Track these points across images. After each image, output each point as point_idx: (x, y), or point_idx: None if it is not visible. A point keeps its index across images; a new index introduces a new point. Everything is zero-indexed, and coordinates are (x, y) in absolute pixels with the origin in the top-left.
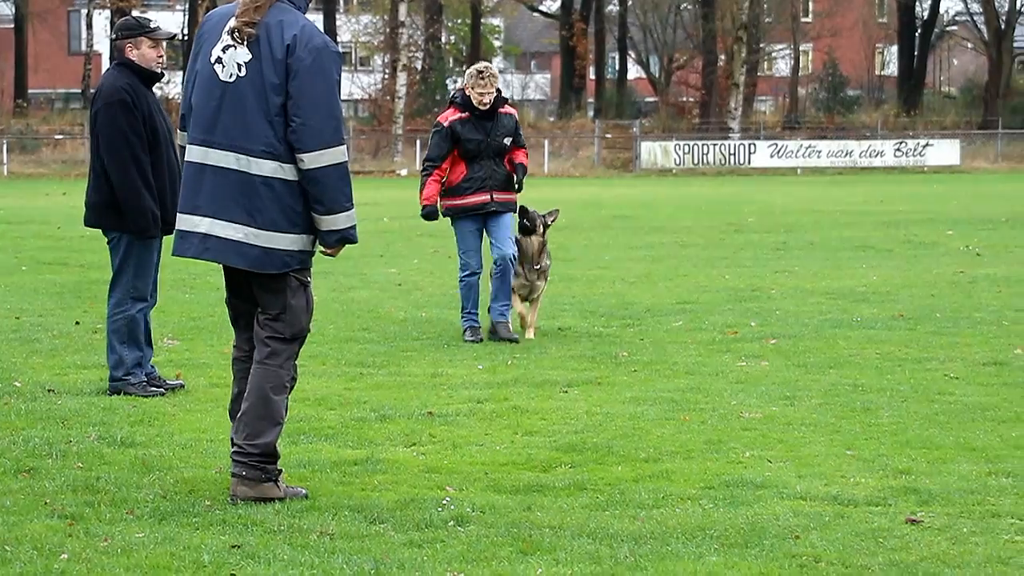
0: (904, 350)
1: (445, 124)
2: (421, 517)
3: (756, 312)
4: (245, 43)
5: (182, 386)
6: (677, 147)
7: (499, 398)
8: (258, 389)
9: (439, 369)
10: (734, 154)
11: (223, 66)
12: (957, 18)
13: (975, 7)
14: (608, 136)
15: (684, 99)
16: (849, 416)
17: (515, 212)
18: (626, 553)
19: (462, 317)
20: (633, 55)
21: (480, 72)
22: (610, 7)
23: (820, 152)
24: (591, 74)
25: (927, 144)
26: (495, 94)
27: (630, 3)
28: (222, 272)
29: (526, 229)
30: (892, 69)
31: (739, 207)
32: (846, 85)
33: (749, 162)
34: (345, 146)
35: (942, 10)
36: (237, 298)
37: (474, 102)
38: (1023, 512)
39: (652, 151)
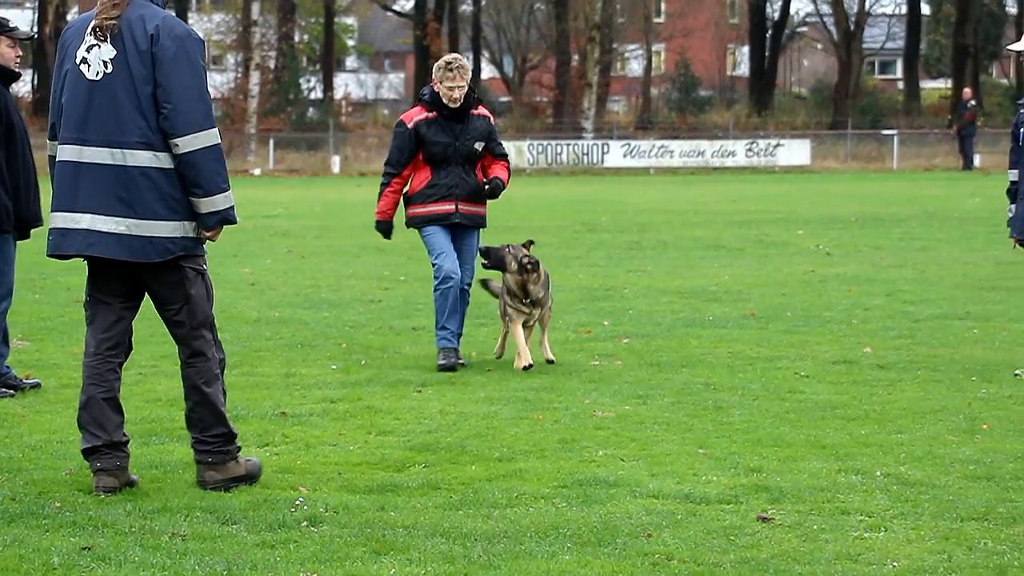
0: (755, 349)
1: (409, 125)
2: (274, 518)
3: (609, 311)
4: (108, 40)
5: (38, 385)
6: (531, 147)
7: (353, 398)
8: (194, 389)
9: (292, 369)
10: (587, 154)
11: (89, 65)
12: (807, 19)
13: (825, 8)
14: None
15: (538, 99)
16: (701, 415)
17: (482, 228)
18: (479, 552)
19: (437, 334)
20: (487, 55)
21: (448, 64)
22: (464, 7)
23: (673, 152)
24: None
25: (778, 144)
26: (466, 89)
27: (483, 3)
28: (87, 268)
29: (496, 266)
30: (744, 70)
31: (592, 207)
32: (698, 85)
33: (602, 162)
34: (216, 129)
35: (792, 11)
36: (103, 295)
37: (443, 99)
38: (872, 509)
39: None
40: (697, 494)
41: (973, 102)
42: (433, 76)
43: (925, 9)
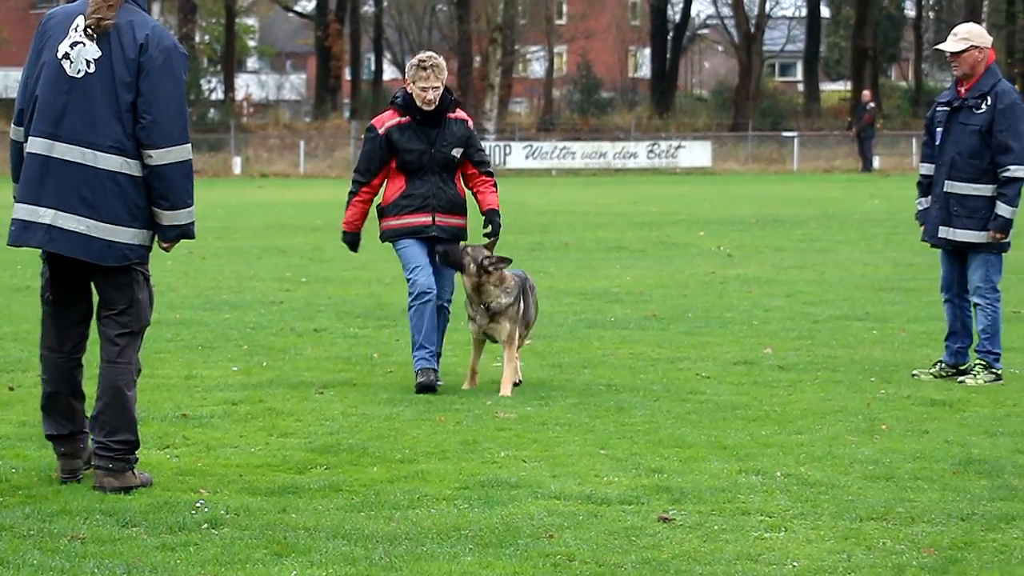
0: (657, 350)
1: (380, 130)
2: (174, 520)
3: None
4: (95, 40)
5: None
6: None
7: (254, 400)
8: (113, 388)
9: (193, 371)
10: (490, 155)
11: (71, 62)
12: (708, 21)
13: (726, 11)
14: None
15: None
16: (603, 415)
17: (462, 241)
18: (381, 554)
19: (413, 355)
20: (389, 56)
21: (421, 62)
22: (365, 8)
23: (575, 153)
24: (347, 75)
25: (679, 146)
26: (441, 90)
27: (385, 4)
28: (47, 264)
29: (449, 264)
30: (645, 71)
31: None
32: (600, 87)
33: (504, 163)
34: (190, 145)
35: (693, 13)
36: (65, 293)
37: (417, 101)
38: (772, 509)
39: None
40: (599, 495)
41: (872, 104)
42: (405, 76)
43: (825, 12)
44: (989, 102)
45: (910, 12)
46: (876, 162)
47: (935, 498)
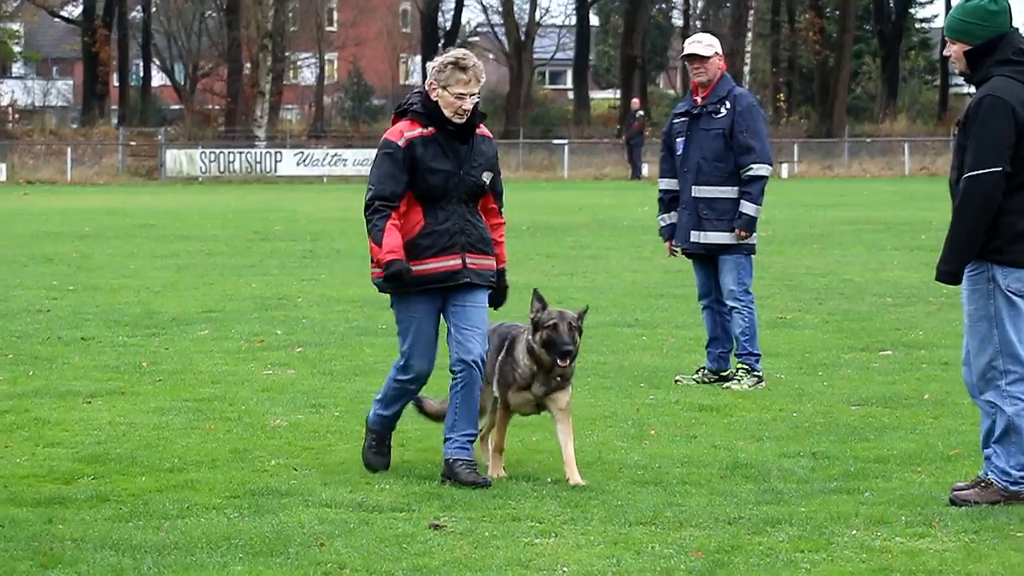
0: None
1: (399, 143)
2: None
3: (283, 320)
4: None
5: None
6: (203, 155)
7: (20, 409)
8: None
9: None
10: (260, 162)
11: None
12: (479, 29)
13: (496, 18)
14: (133, 143)
15: (210, 107)
16: None
17: (490, 288)
18: (150, 564)
19: (371, 419)
20: (158, 62)
21: (460, 61)
22: (133, 14)
23: (346, 160)
24: (115, 81)
25: None
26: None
27: (154, 10)
28: None
29: (566, 354)
30: (416, 79)
31: (266, 215)
32: (371, 94)
33: (275, 170)
34: None
35: (464, 21)
36: None
37: (446, 111)
38: (542, 515)
39: (177, 159)
40: (370, 502)
41: (641, 112)
42: (431, 79)
43: (594, 20)
44: (728, 106)
45: (678, 21)
46: (645, 169)
47: (703, 502)
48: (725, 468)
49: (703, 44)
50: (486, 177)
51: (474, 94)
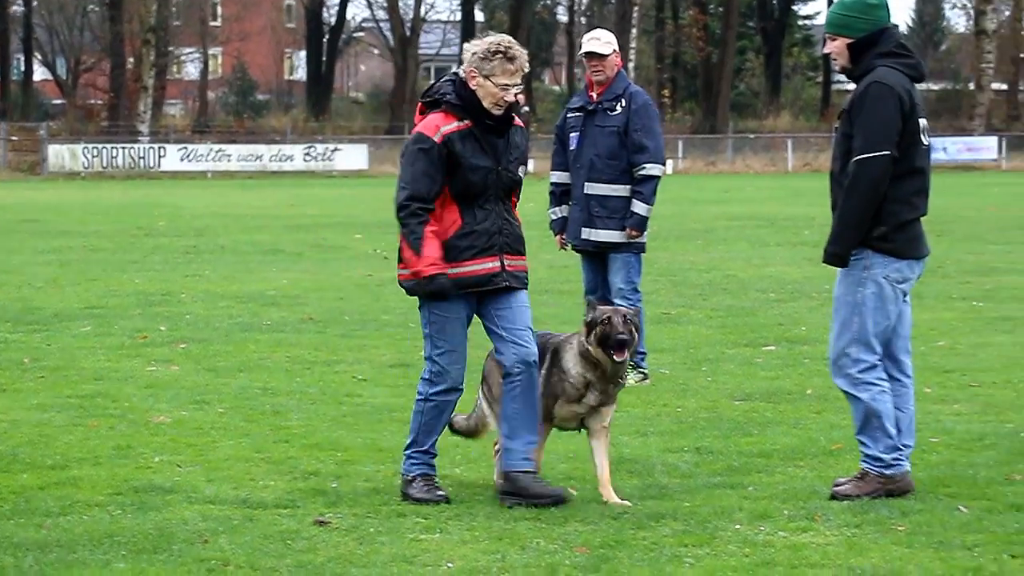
0: (313, 353)
1: (435, 138)
2: None
3: (166, 316)
4: None
5: None
6: (85, 150)
7: None
8: None
9: None
10: (143, 157)
11: None
12: (364, 24)
13: (381, 14)
14: (14, 139)
15: (93, 102)
16: (259, 419)
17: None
18: (31, 562)
19: (410, 458)
20: (39, 56)
21: (508, 50)
22: (14, 7)
23: (230, 156)
24: None
25: (336, 149)
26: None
27: (35, 4)
28: None
29: (622, 343)
30: (301, 74)
31: (149, 210)
32: (256, 89)
33: (159, 165)
34: None
35: (349, 16)
36: None
37: (485, 101)
38: (428, 511)
39: (60, 154)
40: (254, 499)
41: (527, 108)
42: (470, 67)
43: (479, 16)
44: (624, 103)
45: (562, 17)
46: (530, 165)
47: (588, 497)
48: (610, 463)
49: (602, 42)
50: (521, 172)
51: (518, 85)
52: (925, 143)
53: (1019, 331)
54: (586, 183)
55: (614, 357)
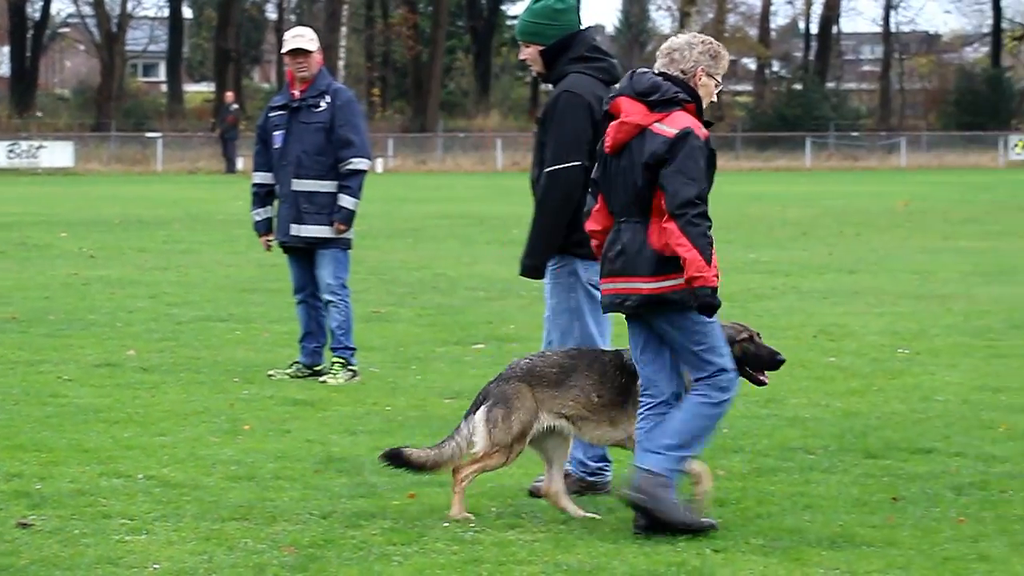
0: (17, 353)
1: (704, 138)
2: None
3: None
4: None
5: None
6: None
7: None
8: None
9: None
10: None
11: None
12: (69, 20)
13: (87, 9)
14: None
15: None
16: None
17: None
18: None
19: (674, 472)
20: None
21: (721, 47)
22: None
23: None
24: None
25: (40, 146)
26: None
27: None
28: None
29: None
30: (5, 70)
31: None
32: None
33: None
34: None
35: (53, 11)
36: None
37: (704, 102)
38: (134, 512)
39: None
40: None
41: (236, 106)
42: (697, 65)
43: (188, 13)
44: (328, 100)
45: (272, 15)
46: (239, 163)
47: (296, 497)
48: (319, 462)
49: (306, 39)
50: None
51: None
52: None
53: None
54: (293, 180)
55: (761, 380)
